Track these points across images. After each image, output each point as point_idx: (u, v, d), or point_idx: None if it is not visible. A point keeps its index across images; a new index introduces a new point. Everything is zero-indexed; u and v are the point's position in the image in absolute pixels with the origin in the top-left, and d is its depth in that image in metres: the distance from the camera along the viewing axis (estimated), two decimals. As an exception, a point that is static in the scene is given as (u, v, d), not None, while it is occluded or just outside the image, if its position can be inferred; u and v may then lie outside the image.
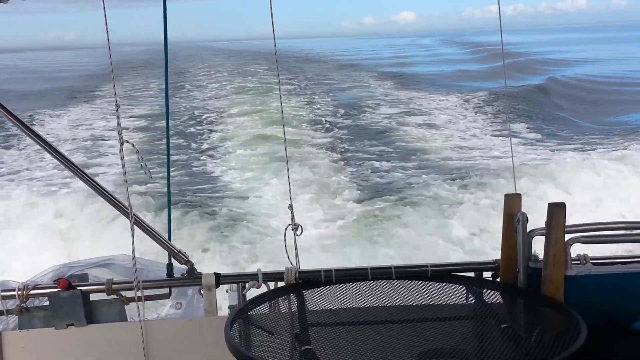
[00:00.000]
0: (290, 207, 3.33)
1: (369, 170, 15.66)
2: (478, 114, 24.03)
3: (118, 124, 3.08)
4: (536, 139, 19.79)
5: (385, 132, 21.02)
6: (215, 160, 17.25)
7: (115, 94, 3.10)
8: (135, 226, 3.06)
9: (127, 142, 3.04)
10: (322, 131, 21.38)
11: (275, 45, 3.36)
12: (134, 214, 3.06)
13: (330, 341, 2.71)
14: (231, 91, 33.38)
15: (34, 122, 24.56)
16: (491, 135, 20.20)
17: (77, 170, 3.13)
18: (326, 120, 23.29)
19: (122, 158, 3.02)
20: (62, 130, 23.52)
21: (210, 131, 21.74)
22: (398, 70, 47.08)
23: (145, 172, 3.11)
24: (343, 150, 18.34)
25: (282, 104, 16.86)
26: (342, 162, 16.64)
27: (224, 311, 3.34)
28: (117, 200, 3.13)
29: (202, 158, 17.73)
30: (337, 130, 21.59)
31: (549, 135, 20.41)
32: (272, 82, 34.78)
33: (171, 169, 10.72)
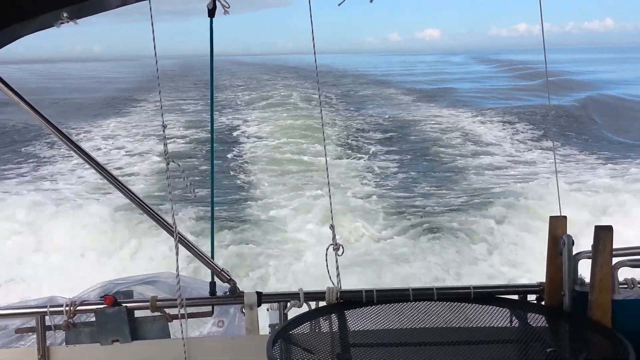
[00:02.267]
0: (332, 227, 3.34)
1: (405, 190, 15.54)
2: (519, 132, 23.70)
3: (165, 144, 3.13)
4: (579, 157, 19.46)
5: (424, 150, 20.86)
6: (250, 178, 17.27)
7: (162, 115, 3.16)
8: (179, 244, 3.11)
9: (174, 162, 3.09)
10: (358, 150, 21.34)
11: (315, 61, 3.36)
12: (179, 232, 3.11)
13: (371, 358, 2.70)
14: (267, 106, 33.49)
15: (78, 134, 24.97)
16: (532, 152, 19.93)
17: (124, 188, 3.19)
18: (362, 138, 23.23)
19: (167, 177, 3.08)
20: (99, 141, 23.87)
21: (245, 147, 21.80)
22: (434, 87, 46.85)
23: (190, 192, 3.16)
24: (379, 168, 18.26)
25: (323, 124, 16.91)
26: (378, 181, 16.54)
27: (264, 329, 3.36)
28: (162, 219, 3.18)
29: (239, 176, 17.79)
30: (373, 148, 21.53)
31: (593, 153, 20.06)
32: (308, 97, 34.84)
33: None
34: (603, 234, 2.86)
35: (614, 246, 2.86)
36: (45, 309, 3.22)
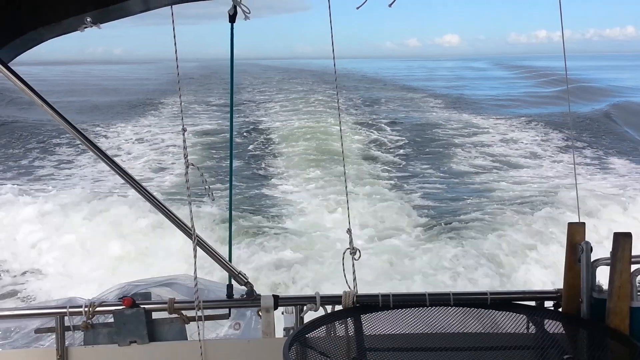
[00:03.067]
0: (349, 231, 3.35)
1: (426, 197, 15.51)
2: (542, 140, 23.52)
3: (184, 147, 3.17)
4: (602, 164, 19.29)
5: (445, 156, 20.78)
6: (271, 181, 17.31)
7: (182, 119, 3.19)
8: (197, 247, 3.14)
9: (193, 165, 3.12)
10: (381, 151, 21.31)
11: (335, 65, 3.39)
12: (197, 235, 3.14)
13: None
14: (288, 110, 33.56)
15: (99, 136, 25.19)
16: (555, 160, 19.79)
17: (142, 190, 3.22)
18: (385, 142, 23.19)
19: (187, 181, 3.11)
20: (122, 143, 24.09)
21: (267, 151, 21.88)
22: (456, 92, 46.65)
23: (209, 195, 3.18)
24: (401, 173, 18.21)
25: (341, 129, 16.92)
26: (399, 186, 16.50)
27: (281, 332, 3.38)
28: (181, 221, 3.21)
29: (259, 178, 17.84)
30: (396, 152, 21.48)
31: (616, 159, 19.87)
32: (328, 102, 34.81)
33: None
34: (622, 240, 2.85)
35: (633, 253, 2.85)
36: (64, 310, 3.26)
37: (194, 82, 58.79)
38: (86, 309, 3.24)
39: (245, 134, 25.03)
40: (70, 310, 3.26)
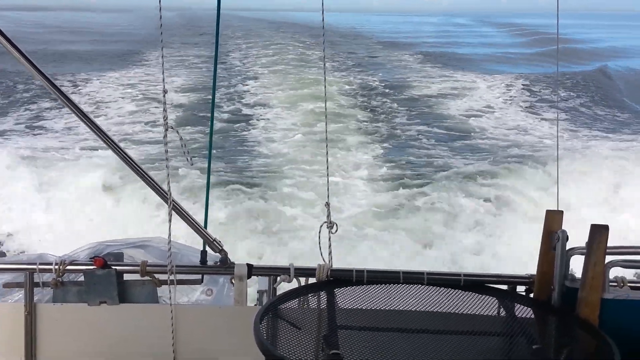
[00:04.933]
0: (327, 204, 3.32)
1: (410, 155, 15.51)
2: (525, 101, 23.45)
3: (164, 109, 3.08)
4: (589, 126, 19.28)
5: (429, 114, 20.73)
6: (255, 139, 17.01)
7: (163, 80, 3.09)
8: (172, 211, 3.10)
9: (172, 128, 3.05)
10: (365, 110, 21.15)
11: (323, 20, 3.29)
12: (173, 200, 3.09)
13: (357, 343, 2.72)
14: (270, 63, 33.02)
15: (77, 84, 24.48)
16: (538, 119, 19.78)
17: (118, 150, 3.14)
18: (367, 99, 23.02)
19: (165, 144, 3.04)
20: (94, 96, 23.22)
21: (251, 107, 21.43)
22: (442, 50, 46.21)
23: (187, 159, 3.12)
24: (384, 131, 18.14)
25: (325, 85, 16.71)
26: (382, 144, 16.46)
27: (253, 301, 3.38)
28: (157, 185, 3.15)
29: (242, 134, 17.58)
30: (379, 109, 21.35)
31: (603, 123, 19.87)
32: (312, 56, 34.27)
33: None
34: (599, 232, 2.86)
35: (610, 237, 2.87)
36: (34, 266, 3.22)
37: (176, 32, 57.13)
38: (56, 266, 3.20)
39: (230, 91, 24.42)
40: (40, 267, 3.22)
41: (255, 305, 3.37)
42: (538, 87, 25.90)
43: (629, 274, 3.15)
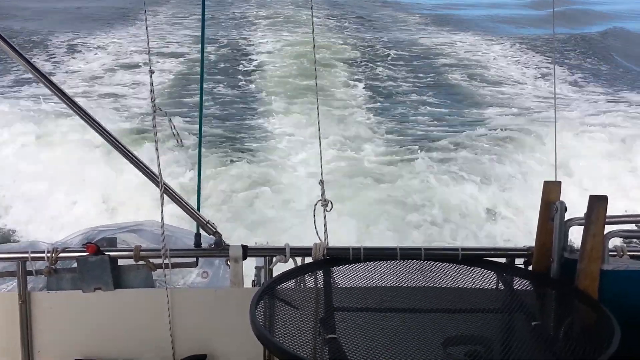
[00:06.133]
0: (321, 182, 3.28)
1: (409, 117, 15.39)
2: (525, 64, 23.10)
3: (151, 90, 3.02)
4: (590, 91, 18.98)
5: (428, 77, 20.39)
6: (252, 107, 16.71)
7: (150, 60, 3.04)
8: (164, 194, 3.05)
9: (160, 109, 3.00)
10: (361, 74, 20.85)
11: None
12: (164, 183, 3.05)
13: (354, 325, 2.69)
14: (265, 24, 32.31)
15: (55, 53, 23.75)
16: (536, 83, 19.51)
17: (107, 135, 3.09)
18: (370, 61, 22.65)
19: (154, 126, 2.99)
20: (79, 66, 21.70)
21: (247, 73, 21.05)
22: (442, 12, 45.46)
23: (177, 141, 3.08)
24: (384, 94, 17.92)
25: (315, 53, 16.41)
26: (378, 109, 16.30)
27: (249, 282, 3.35)
28: (148, 168, 3.10)
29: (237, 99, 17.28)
30: (381, 70, 21.06)
31: (606, 89, 19.56)
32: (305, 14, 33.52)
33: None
34: (598, 203, 2.82)
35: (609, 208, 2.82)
36: (26, 254, 3.19)
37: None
38: (49, 254, 3.17)
39: (224, 54, 23.87)
40: (32, 255, 3.19)
41: (251, 286, 3.34)
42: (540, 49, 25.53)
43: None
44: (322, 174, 3.27)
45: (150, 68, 3.04)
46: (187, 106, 15.49)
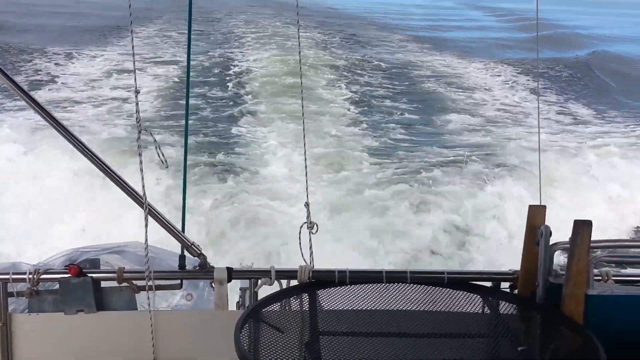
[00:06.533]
0: (307, 204, 3.27)
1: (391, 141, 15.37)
2: (509, 88, 23.27)
3: (137, 110, 3.00)
4: (576, 117, 19.06)
5: (412, 96, 20.45)
6: (239, 124, 16.64)
7: (135, 80, 3.02)
8: (148, 216, 3.03)
9: (146, 130, 2.98)
10: (347, 90, 20.85)
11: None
12: (148, 204, 3.02)
13: (340, 348, 2.67)
14: (257, 44, 32.43)
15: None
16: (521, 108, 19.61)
17: (90, 154, 3.06)
18: (357, 79, 22.73)
19: (139, 146, 2.96)
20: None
21: (237, 88, 21.00)
22: (431, 34, 45.72)
23: (162, 162, 3.06)
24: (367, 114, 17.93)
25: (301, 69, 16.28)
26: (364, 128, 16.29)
27: (233, 305, 3.33)
28: (132, 189, 3.08)
29: (224, 115, 17.19)
30: (362, 93, 21.11)
31: (592, 115, 19.69)
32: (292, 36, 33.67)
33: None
34: (582, 228, 2.82)
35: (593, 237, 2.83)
36: (7, 276, 3.14)
37: (162, 6, 55.63)
38: (30, 275, 3.13)
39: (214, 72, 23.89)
40: (13, 277, 3.14)
41: (236, 309, 3.32)
42: (525, 75, 25.79)
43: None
44: (307, 196, 3.26)
45: (136, 88, 3.03)
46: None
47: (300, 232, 3.24)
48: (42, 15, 42.91)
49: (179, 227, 3.21)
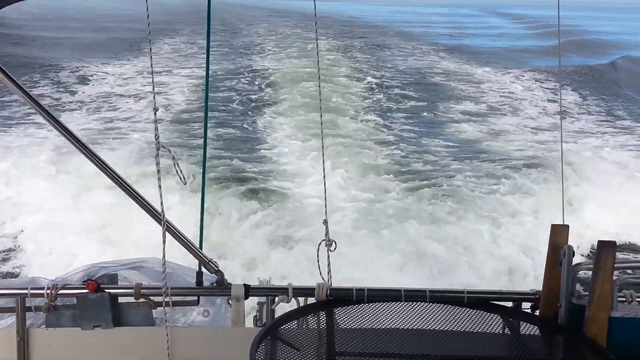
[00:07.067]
0: (325, 222, 3.24)
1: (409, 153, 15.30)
2: (534, 98, 23.02)
3: (155, 128, 2.99)
4: (598, 126, 18.84)
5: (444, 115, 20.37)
6: (263, 136, 16.54)
7: (154, 97, 3.02)
8: (167, 232, 3.02)
9: (164, 147, 2.97)
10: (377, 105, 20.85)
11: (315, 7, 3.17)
12: (167, 220, 3.01)
13: None
14: (280, 55, 32.65)
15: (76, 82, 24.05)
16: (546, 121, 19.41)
17: (109, 171, 3.06)
18: (382, 91, 22.72)
19: (157, 163, 2.95)
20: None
21: (260, 104, 20.93)
22: (457, 42, 45.45)
23: (180, 179, 3.04)
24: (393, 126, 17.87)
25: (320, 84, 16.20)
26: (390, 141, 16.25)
27: (251, 321, 3.30)
28: (150, 205, 3.07)
29: (248, 128, 17.31)
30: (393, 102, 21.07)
31: (614, 122, 19.48)
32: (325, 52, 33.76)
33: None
34: (606, 249, 2.76)
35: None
36: (26, 291, 3.16)
37: (183, 19, 56.10)
38: (48, 291, 3.14)
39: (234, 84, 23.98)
40: (32, 291, 3.15)
41: (253, 325, 3.29)
42: (549, 83, 25.55)
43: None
44: (326, 213, 3.23)
45: (155, 105, 3.02)
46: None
47: (318, 250, 3.21)
48: (65, 30, 43.56)
49: (197, 244, 3.20)
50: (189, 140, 15.16)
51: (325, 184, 3.34)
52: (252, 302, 3.34)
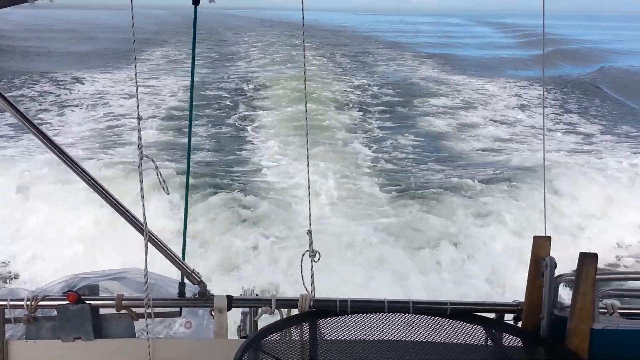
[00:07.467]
0: (309, 232, 3.23)
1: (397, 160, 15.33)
2: (518, 107, 23.15)
3: (139, 137, 2.97)
4: (584, 135, 18.96)
5: (417, 121, 20.44)
6: (247, 144, 16.61)
7: (137, 106, 2.99)
8: (149, 242, 3.00)
9: (147, 157, 2.95)
10: (359, 112, 20.87)
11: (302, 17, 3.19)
12: (149, 231, 2.99)
13: None
14: (267, 64, 32.74)
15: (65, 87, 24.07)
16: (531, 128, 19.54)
17: (92, 182, 3.04)
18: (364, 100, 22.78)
19: (140, 173, 2.93)
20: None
21: (247, 110, 21.01)
22: (443, 51, 45.61)
23: (163, 189, 3.02)
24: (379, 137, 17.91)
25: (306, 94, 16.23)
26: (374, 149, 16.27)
27: (233, 333, 3.28)
28: (132, 216, 3.05)
29: (234, 134, 17.30)
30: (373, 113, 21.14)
31: (600, 132, 19.60)
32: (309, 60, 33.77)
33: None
34: (587, 261, 2.77)
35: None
36: (5, 302, 3.12)
37: (167, 30, 56.16)
38: (28, 302, 3.10)
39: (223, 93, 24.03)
40: (11, 303, 3.11)
41: (237, 336, 3.27)
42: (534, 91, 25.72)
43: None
44: (310, 224, 3.22)
45: (139, 114, 3.00)
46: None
47: (302, 260, 3.20)
48: (53, 40, 43.53)
49: (180, 254, 3.18)
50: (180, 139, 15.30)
51: (309, 194, 3.33)
52: (235, 312, 3.32)
